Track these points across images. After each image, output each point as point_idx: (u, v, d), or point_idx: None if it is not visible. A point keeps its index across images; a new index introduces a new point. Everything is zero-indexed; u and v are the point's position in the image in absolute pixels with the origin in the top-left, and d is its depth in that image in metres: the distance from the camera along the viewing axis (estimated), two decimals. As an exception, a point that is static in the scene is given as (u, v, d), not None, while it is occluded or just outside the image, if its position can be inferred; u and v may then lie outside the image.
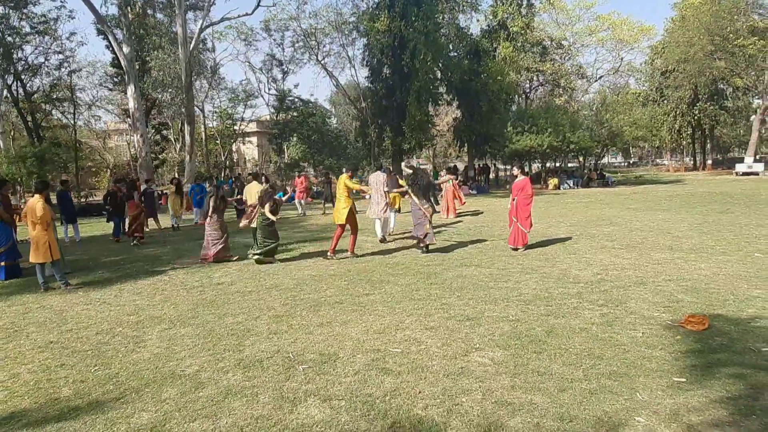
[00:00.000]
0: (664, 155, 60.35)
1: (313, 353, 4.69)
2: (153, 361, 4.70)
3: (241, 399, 3.78)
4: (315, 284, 7.64)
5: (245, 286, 7.69)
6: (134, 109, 23.48)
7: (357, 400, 3.66)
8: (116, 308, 6.75)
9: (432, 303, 6.29)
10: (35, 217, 7.84)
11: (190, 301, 6.97)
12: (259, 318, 5.98)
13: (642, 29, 41.31)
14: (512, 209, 9.95)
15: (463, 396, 3.66)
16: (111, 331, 5.70)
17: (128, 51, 22.78)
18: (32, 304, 7.21)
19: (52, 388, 4.17)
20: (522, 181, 9.97)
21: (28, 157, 21.47)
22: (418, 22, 24.24)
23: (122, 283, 8.36)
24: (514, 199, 9.98)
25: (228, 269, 9.19)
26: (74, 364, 4.72)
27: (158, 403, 3.79)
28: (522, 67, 33.87)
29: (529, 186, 9.94)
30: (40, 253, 7.88)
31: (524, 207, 9.82)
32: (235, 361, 4.59)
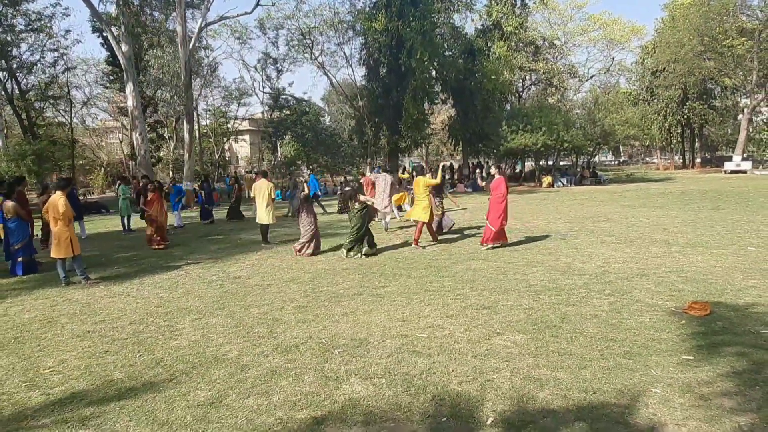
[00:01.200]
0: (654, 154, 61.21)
1: (344, 339, 5.00)
2: (193, 347, 4.97)
3: (286, 379, 4.08)
4: (331, 278, 7.93)
5: (263, 280, 7.97)
6: (133, 107, 23.57)
7: (396, 379, 3.97)
8: (142, 301, 7.00)
9: (447, 294, 6.61)
10: (57, 214, 8.05)
11: (213, 293, 7.24)
12: (283, 309, 6.26)
13: (633, 29, 41.95)
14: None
15: (493, 374, 3.99)
16: (143, 322, 5.97)
17: (127, 49, 22.85)
18: (57, 297, 7.43)
19: (103, 372, 4.44)
20: (497, 181, 10.04)
21: (28, 155, 21.51)
22: (416, 21, 24.57)
23: (140, 277, 8.60)
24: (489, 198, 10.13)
25: (243, 263, 9.45)
26: (117, 350, 4.99)
27: (209, 383, 4.08)
28: (515, 66, 34.31)
29: (503, 185, 9.91)
30: (61, 249, 8.10)
31: (496, 206, 9.82)
32: (272, 346, 4.88)
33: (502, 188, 9.93)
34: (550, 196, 22.38)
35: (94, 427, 3.45)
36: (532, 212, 16.08)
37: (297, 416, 3.46)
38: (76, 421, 3.53)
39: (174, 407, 3.68)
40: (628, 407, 3.44)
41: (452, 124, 32.98)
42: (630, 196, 20.95)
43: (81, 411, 3.68)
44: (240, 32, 38.85)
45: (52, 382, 4.29)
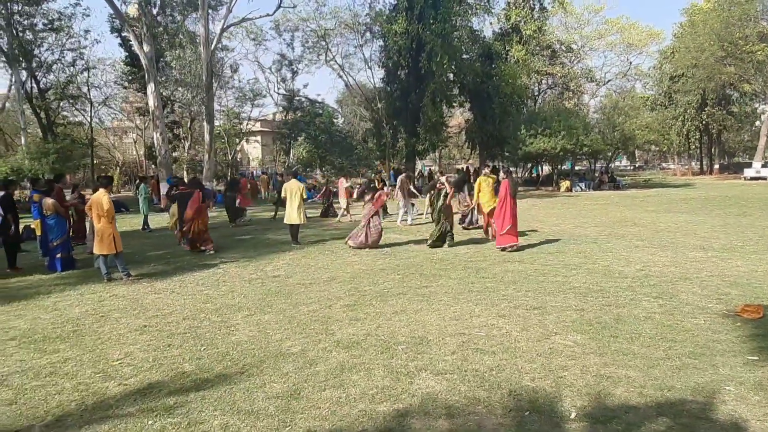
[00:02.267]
0: (670, 159, 60.89)
1: (402, 336, 5.05)
2: (253, 342, 5.05)
3: (357, 373, 4.15)
4: (370, 277, 7.99)
5: (303, 279, 8.04)
6: (154, 107, 23.80)
7: (467, 375, 4.03)
8: (188, 297, 7.09)
9: (492, 294, 6.65)
10: (101, 210, 8.18)
11: (257, 291, 7.32)
12: (332, 307, 6.33)
13: (650, 34, 41.78)
14: None
15: (563, 371, 4.03)
16: (196, 317, 6.06)
17: (148, 49, 23.10)
18: (102, 293, 7.55)
19: (173, 364, 4.53)
20: (501, 184, 10.32)
21: (50, 153, 21.80)
22: (435, 24, 24.64)
23: (180, 275, 8.71)
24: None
25: (278, 263, 9.54)
26: (180, 344, 5.08)
27: (282, 376, 4.15)
28: (532, 70, 34.28)
29: (503, 189, 10.12)
30: (104, 245, 8.23)
31: (498, 209, 10.22)
32: (333, 342, 4.95)
33: (502, 192, 10.15)
34: (570, 201, 22.34)
35: (181, 415, 3.52)
36: (556, 216, 16.07)
37: (379, 408, 3.52)
38: (161, 410, 3.61)
39: (254, 398, 3.75)
40: (706, 404, 3.47)
41: (469, 128, 32.99)
42: (652, 201, 20.85)
43: (163, 401, 3.77)
44: (255, 34, 39.24)
45: (125, 373, 4.38)
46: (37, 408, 3.79)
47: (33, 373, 4.49)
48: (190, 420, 3.47)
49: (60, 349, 5.11)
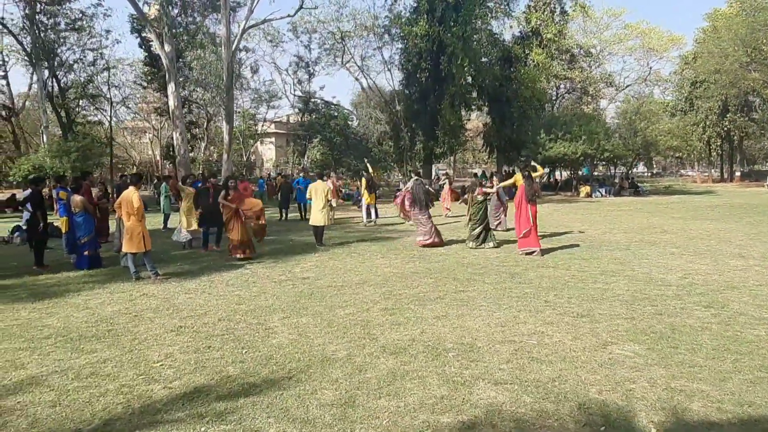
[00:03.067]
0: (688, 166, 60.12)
1: (450, 343, 4.87)
2: (295, 345, 4.89)
3: (411, 381, 3.97)
4: (403, 281, 7.81)
5: (333, 282, 7.88)
6: (174, 106, 23.86)
7: (528, 385, 3.83)
8: (219, 298, 6.96)
9: (533, 300, 6.44)
10: (131, 208, 8.09)
11: (288, 293, 7.17)
12: (369, 311, 6.16)
13: (671, 39, 41.32)
14: None
15: (631, 383, 3.82)
16: (231, 319, 5.92)
17: (170, 49, 23.17)
18: (133, 291, 7.44)
19: (216, 367, 4.38)
20: (519, 188, 10.41)
21: (72, 151, 21.88)
22: (457, 27, 24.45)
23: (207, 275, 8.59)
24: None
25: (305, 264, 9.40)
26: (220, 346, 4.93)
27: (332, 382, 3.98)
28: (551, 74, 33.97)
29: (519, 193, 10.28)
30: (134, 243, 8.14)
31: (515, 213, 10.37)
32: (377, 348, 4.77)
33: (518, 196, 10.24)
34: (592, 206, 22.00)
35: (234, 422, 3.37)
36: (580, 221, 15.79)
37: (442, 420, 3.33)
38: (212, 416, 3.46)
39: (307, 405, 3.58)
40: (792, 424, 3.24)
41: (487, 132, 32.73)
42: (677, 208, 20.47)
43: (213, 406, 3.61)
44: (272, 36, 39.31)
45: (168, 375, 4.24)
46: (81, 411, 3.65)
47: (73, 373, 4.36)
48: (244, 427, 3.31)
49: (97, 348, 4.99)
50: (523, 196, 10.21)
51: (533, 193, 10.36)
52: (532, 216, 10.07)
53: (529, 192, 10.22)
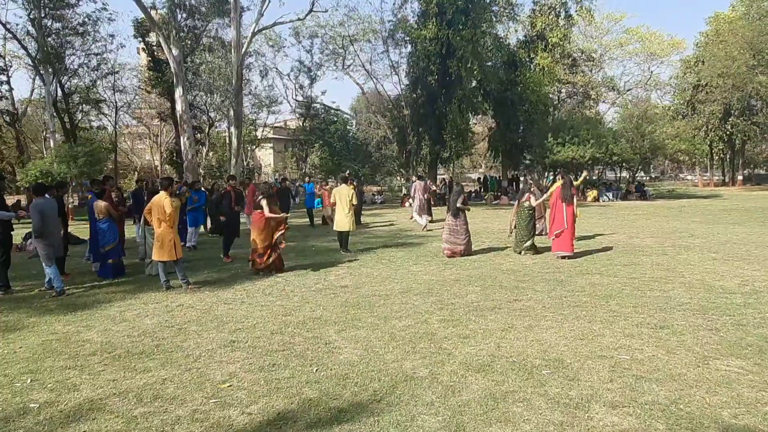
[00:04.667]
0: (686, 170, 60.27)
1: (535, 359, 4.52)
2: (367, 362, 4.54)
3: (515, 404, 3.62)
4: (448, 289, 7.48)
5: (375, 290, 7.53)
6: (182, 111, 23.38)
7: (649, 408, 3.49)
8: (262, 309, 6.59)
9: (597, 310, 6.12)
10: (162, 215, 7.71)
11: (333, 303, 6.81)
12: (427, 322, 5.81)
13: (672, 43, 41.38)
14: None
15: (763, 405, 3.49)
16: (284, 332, 5.55)
17: (177, 53, 22.72)
18: (167, 302, 7.05)
19: (290, 389, 4.01)
20: (555, 189, 10.36)
21: (80, 156, 21.40)
22: (466, 30, 24.23)
23: (240, 283, 8.21)
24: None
25: (338, 272, 9.04)
26: (285, 363, 4.57)
27: (427, 406, 3.63)
28: (556, 78, 33.85)
29: (555, 194, 10.24)
30: (165, 251, 7.75)
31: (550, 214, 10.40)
32: (458, 364, 4.43)
33: (554, 197, 10.15)
34: (605, 211, 21.74)
35: (340, 455, 3.01)
36: (601, 226, 15.50)
37: (575, 451, 2.99)
38: (313, 447, 3.10)
39: (412, 434, 3.23)
40: None
41: (492, 136, 32.52)
42: (691, 212, 20.25)
43: (308, 436, 3.25)
44: (274, 40, 38.96)
45: (241, 398, 3.87)
46: (159, 441, 3.28)
47: (134, 396, 3.98)
48: (353, 461, 2.95)
49: (150, 367, 4.60)
50: (558, 196, 10.02)
51: (571, 194, 10.09)
52: (567, 217, 9.84)
53: (565, 192, 10.00)
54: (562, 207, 9.93)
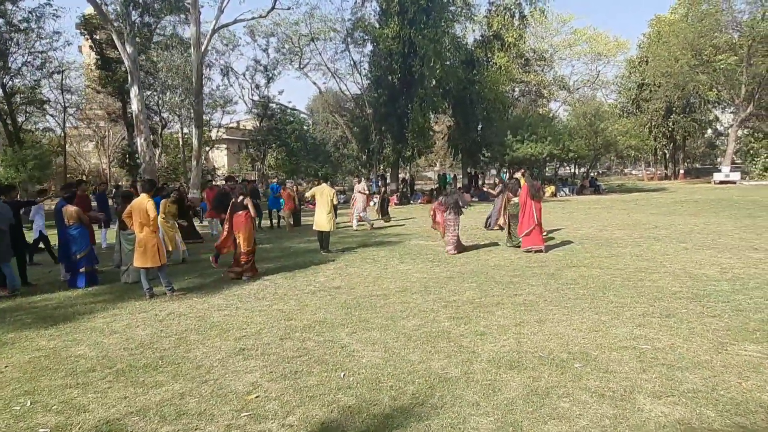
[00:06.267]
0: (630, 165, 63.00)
1: (561, 353, 4.54)
2: (393, 364, 4.42)
3: (562, 400, 3.60)
4: (444, 286, 7.45)
5: (371, 290, 7.40)
6: (138, 110, 22.37)
7: (693, 396, 3.55)
8: (261, 314, 6.34)
9: (598, 302, 6.23)
10: (144, 218, 7.30)
11: (332, 304, 6.64)
12: (436, 320, 5.76)
13: (617, 44, 43.07)
14: None
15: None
16: (292, 337, 5.35)
17: (132, 51, 21.71)
18: (155, 311, 6.67)
19: (324, 396, 3.85)
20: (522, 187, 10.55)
21: (29, 159, 20.14)
22: (428, 29, 24.36)
23: (227, 288, 7.87)
24: None
25: (325, 272, 8.85)
26: (307, 370, 4.39)
27: (473, 406, 3.55)
28: (512, 77, 34.59)
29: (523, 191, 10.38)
30: (148, 257, 7.33)
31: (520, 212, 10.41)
32: (487, 362, 4.38)
33: (523, 195, 10.31)
34: (565, 205, 22.35)
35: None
36: (567, 219, 15.94)
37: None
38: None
39: (471, 436, 3.15)
40: None
41: (452, 134, 32.87)
42: (646, 204, 21.13)
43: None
44: (228, 39, 37.96)
45: (274, 410, 3.67)
46: (201, 460, 3.06)
47: (154, 414, 3.71)
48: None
49: (161, 381, 4.32)
50: (527, 194, 10.21)
51: (536, 191, 10.38)
52: (536, 213, 10.07)
53: (532, 189, 10.24)
54: (531, 204, 10.16)
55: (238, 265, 8.65)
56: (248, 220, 8.69)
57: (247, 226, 8.62)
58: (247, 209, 8.60)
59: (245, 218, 8.64)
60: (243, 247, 8.59)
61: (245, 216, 8.63)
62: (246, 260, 8.64)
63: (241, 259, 8.62)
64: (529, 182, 10.48)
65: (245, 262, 8.63)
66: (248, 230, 8.64)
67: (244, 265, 8.62)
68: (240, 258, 8.60)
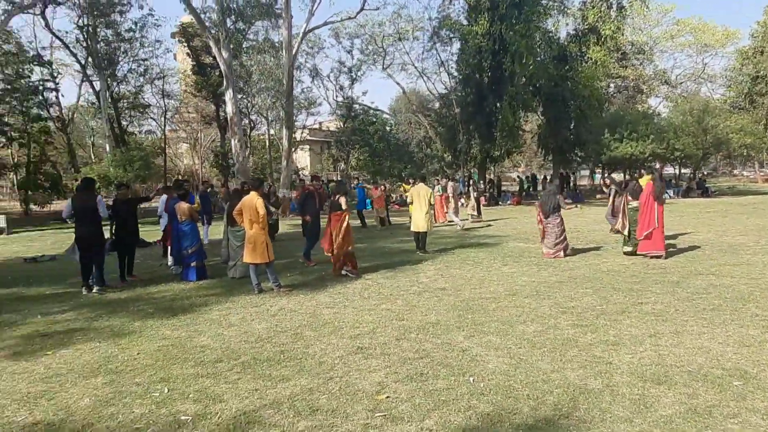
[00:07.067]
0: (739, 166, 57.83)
1: (711, 368, 4.07)
2: (522, 372, 4.17)
3: (727, 420, 3.21)
4: (557, 291, 7.04)
5: (479, 293, 7.14)
6: (232, 113, 23.57)
7: None
8: (370, 312, 6.29)
9: (740, 314, 5.60)
10: (254, 216, 7.50)
11: (441, 306, 6.47)
12: (558, 327, 5.40)
13: (726, 34, 39.59)
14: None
15: None
16: (409, 338, 5.23)
17: (227, 56, 22.89)
18: (267, 306, 6.82)
19: (458, 402, 3.67)
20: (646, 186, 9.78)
21: (135, 160, 21.75)
22: (520, 24, 23.62)
23: (331, 286, 7.94)
24: None
25: (426, 273, 8.71)
26: (432, 373, 4.24)
27: (627, 422, 3.23)
28: (608, 72, 32.78)
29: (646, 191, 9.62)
30: (257, 254, 7.53)
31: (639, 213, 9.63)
32: (630, 375, 4.01)
33: (645, 194, 9.51)
34: (674, 209, 20.64)
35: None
36: (679, 224, 14.72)
37: None
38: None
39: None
40: None
41: (542, 133, 31.70)
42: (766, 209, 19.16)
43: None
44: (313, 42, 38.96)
45: (409, 412, 3.54)
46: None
47: (288, 408, 3.70)
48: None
49: (286, 375, 4.34)
50: (651, 194, 9.45)
51: (661, 192, 9.62)
52: (659, 216, 9.31)
53: (658, 190, 9.48)
54: (653, 205, 9.41)
55: (339, 261, 8.74)
56: (345, 218, 8.78)
57: (346, 226, 8.69)
58: (341, 207, 8.72)
59: (342, 217, 8.73)
60: (341, 245, 8.65)
61: (342, 215, 8.73)
62: (345, 258, 8.73)
63: (341, 257, 8.71)
64: (658, 183, 9.66)
65: (345, 259, 8.72)
66: (347, 230, 8.71)
67: (343, 261, 8.73)
68: (340, 255, 8.69)
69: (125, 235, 9.00)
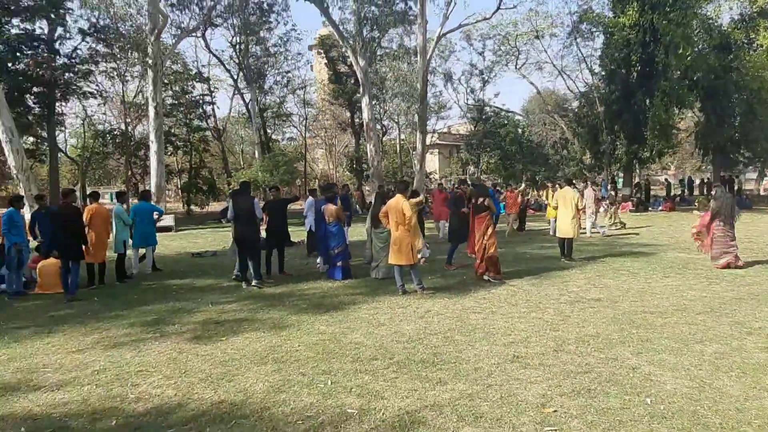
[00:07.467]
0: None
1: None
2: (712, 398, 3.71)
3: None
4: (736, 308, 6.25)
5: (639, 306, 6.56)
6: (368, 119, 24.40)
7: None
8: (521, 320, 6.05)
9: None
10: (400, 218, 7.61)
11: (599, 319, 6.03)
12: (744, 349, 4.78)
13: None
14: None
15: None
16: (568, 350, 4.93)
17: (363, 64, 23.76)
18: (413, 307, 6.86)
19: (638, 424, 3.36)
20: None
21: (280, 165, 23.46)
22: (674, 12, 21.47)
23: (474, 291, 7.78)
24: None
25: (576, 282, 8.18)
26: (602, 390, 3.94)
27: None
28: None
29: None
30: (402, 255, 7.63)
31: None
32: None
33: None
34: None
35: None
36: None
37: None
38: None
39: None
40: None
41: (700, 131, 28.51)
42: None
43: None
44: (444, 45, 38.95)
45: (581, 430, 3.31)
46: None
47: (450, 412, 3.66)
48: None
49: (443, 378, 4.31)
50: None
51: None
52: None
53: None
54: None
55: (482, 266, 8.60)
56: (490, 221, 8.62)
57: (492, 228, 8.53)
58: (487, 210, 8.56)
59: (486, 220, 8.59)
60: (489, 247, 8.49)
61: (485, 217, 8.61)
62: (488, 263, 8.55)
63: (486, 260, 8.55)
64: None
65: (487, 265, 8.55)
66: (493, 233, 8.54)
67: (486, 267, 8.55)
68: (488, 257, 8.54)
69: (277, 233, 9.72)
